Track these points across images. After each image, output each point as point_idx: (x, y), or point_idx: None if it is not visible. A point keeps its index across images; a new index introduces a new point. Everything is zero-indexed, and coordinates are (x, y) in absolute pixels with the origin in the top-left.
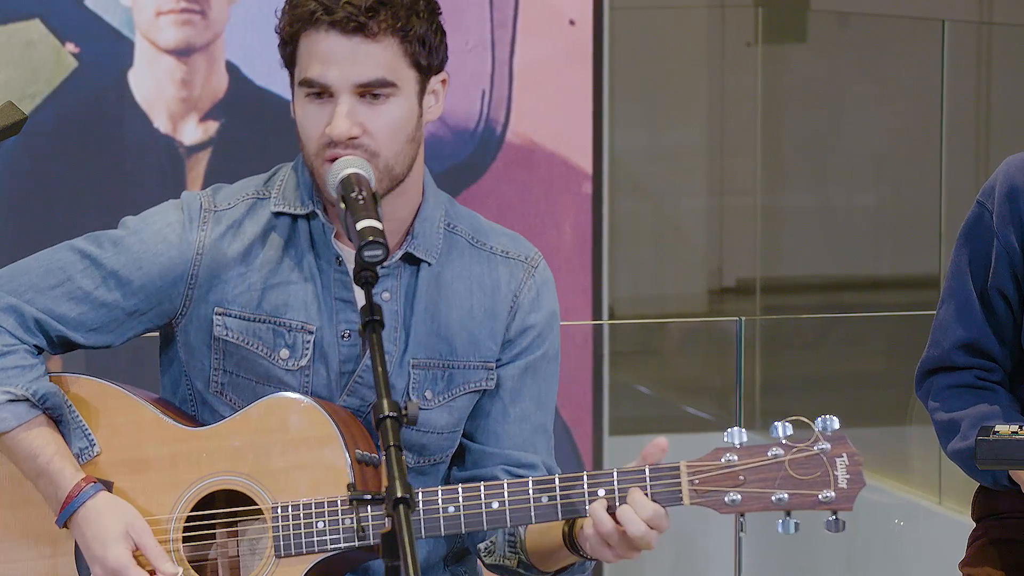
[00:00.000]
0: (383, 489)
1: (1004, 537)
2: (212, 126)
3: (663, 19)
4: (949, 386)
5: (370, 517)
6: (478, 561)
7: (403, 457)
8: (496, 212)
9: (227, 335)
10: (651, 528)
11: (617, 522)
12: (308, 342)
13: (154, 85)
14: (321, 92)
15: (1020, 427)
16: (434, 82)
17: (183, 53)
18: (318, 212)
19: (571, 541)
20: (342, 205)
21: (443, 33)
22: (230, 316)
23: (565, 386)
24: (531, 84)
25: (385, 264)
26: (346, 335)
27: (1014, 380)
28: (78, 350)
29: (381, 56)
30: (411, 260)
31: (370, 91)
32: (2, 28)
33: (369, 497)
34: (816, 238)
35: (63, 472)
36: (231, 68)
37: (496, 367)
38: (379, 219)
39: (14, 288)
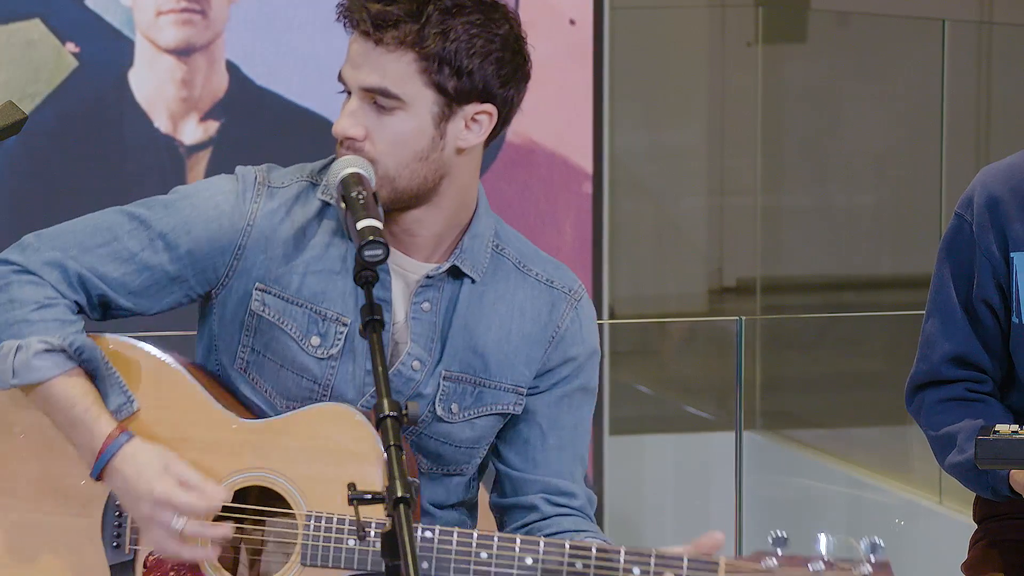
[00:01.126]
0: (418, 519)
1: (1005, 538)
2: (212, 126)
3: (663, 19)
4: (940, 400)
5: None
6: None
7: (403, 457)
8: (496, 212)
9: (264, 311)
10: None
11: None
12: (341, 333)
13: (154, 85)
14: (345, 90)
15: (1021, 427)
16: (469, 110)
17: (183, 53)
18: None
19: None
20: (342, 204)
21: (511, 68)
22: (269, 294)
23: None
24: (531, 84)
25: (429, 275)
26: None
27: (1004, 389)
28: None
29: (390, 67)
30: (455, 274)
31: (378, 97)
32: (2, 28)
33: (369, 497)
34: (816, 238)
35: (99, 421)
36: (231, 68)
37: (533, 394)
38: (379, 218)
39: (60, 244)
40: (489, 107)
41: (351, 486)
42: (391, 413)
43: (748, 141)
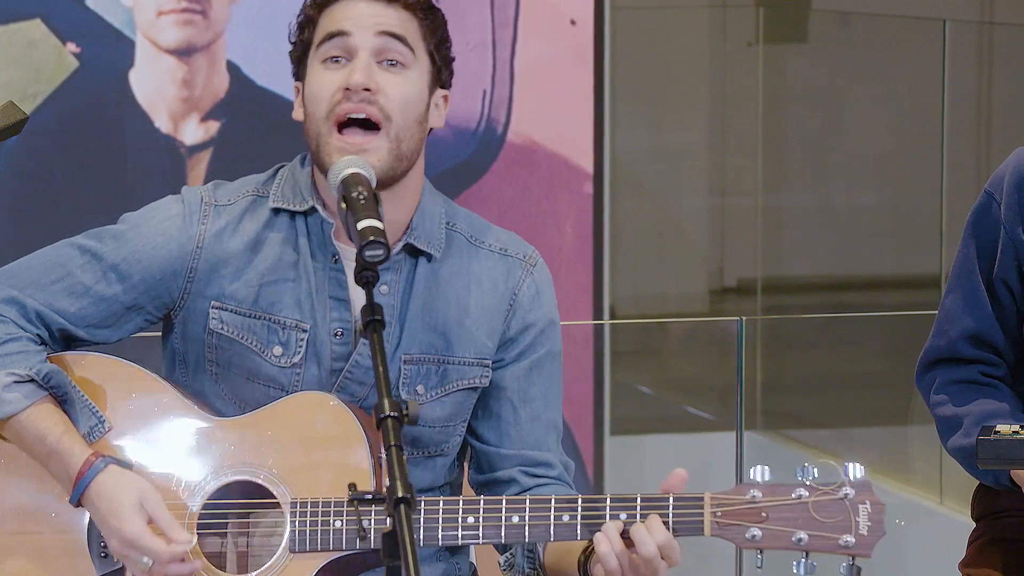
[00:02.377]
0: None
1: (1004, 536)
2: (213, 126)
3: (664, 19)
4: (953, 381)
5: (372, 520)
6: (471, 553)
7: (404, 457)
8: (497, 212)
9: (222, 328)
10: (662, 557)
11: (629, 543)
12: (302, 340)
13: (155, 85)
14: (338, 50)
15: (1021, 427)
16: (438, 94)
17: (184, 53)
18: (318, 208)
19: (585, 570)
20: (343, 204)
21: (451, 56)
22: (226, 310)
23: (566, 386)
24: (532, 84)
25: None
26: (339, 333)
27: (1016, 374)
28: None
29: (406, 21)
30: (412, 252)
31: (390, 50)
32: (3, 28)
33: (370, 496)
34: (817, 238)
35: (72, 450)
36: (232, 68)
37: (500, 367)
38: (380, 218)
39: (16, 283)
40: (447, 92)
41: (351, 486)
42: (391, 413)
43: (749, 141)
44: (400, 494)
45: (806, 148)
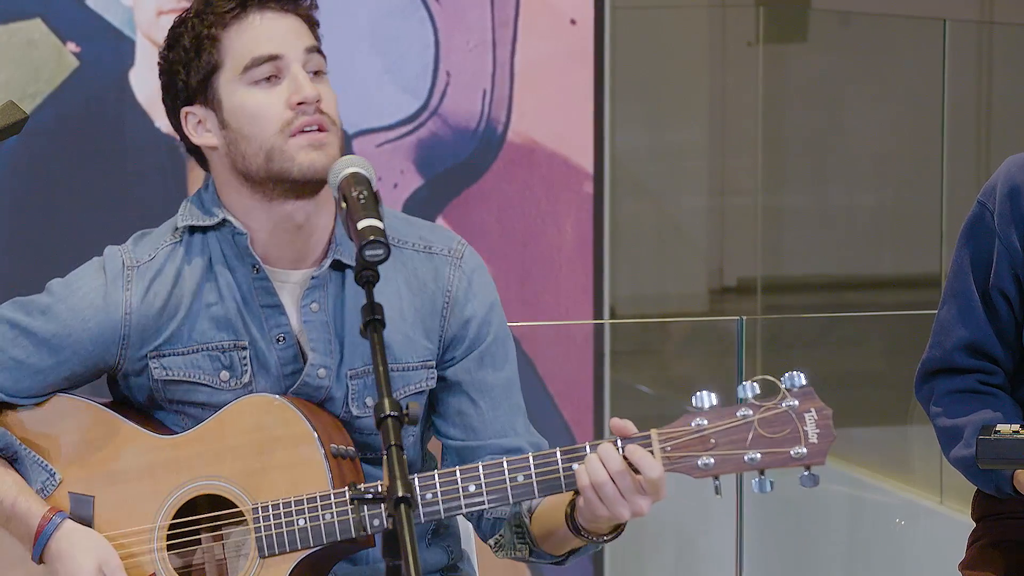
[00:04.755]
0: (362, 478)
1: (1004, 538)
2: None
3: (664, 19)
4: (951, 391)
5: (363, 511)
6: (475, 569)
7: (404, 456)
8: (497, 212)
9: (167, 375)
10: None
11: (630, 465)
12: (244, 358)
13: (155, 85)
14: (267, 72)
15: (1021, 426)
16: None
17: None
18: (229, 219)
19: (572, 521)
20: (343, 204)
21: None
22: (164, 356)
23: (566, 386)
24: (532, 84)
25: (314, 276)
26: (281, 339)
27: (1015, 382)
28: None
29: (306, 33)
30: (339, 267)
31: (312, 61)
32: (3, 28)
33: (371, 496)
34: (817, 238)
35: (30, 510)
36: None
37: (451, 365)
38: (380, 218)
39: None
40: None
41: (351, 485)
42: (391, 413)
43: (749, 141)
44: (400, 493)
45: (806, 148)
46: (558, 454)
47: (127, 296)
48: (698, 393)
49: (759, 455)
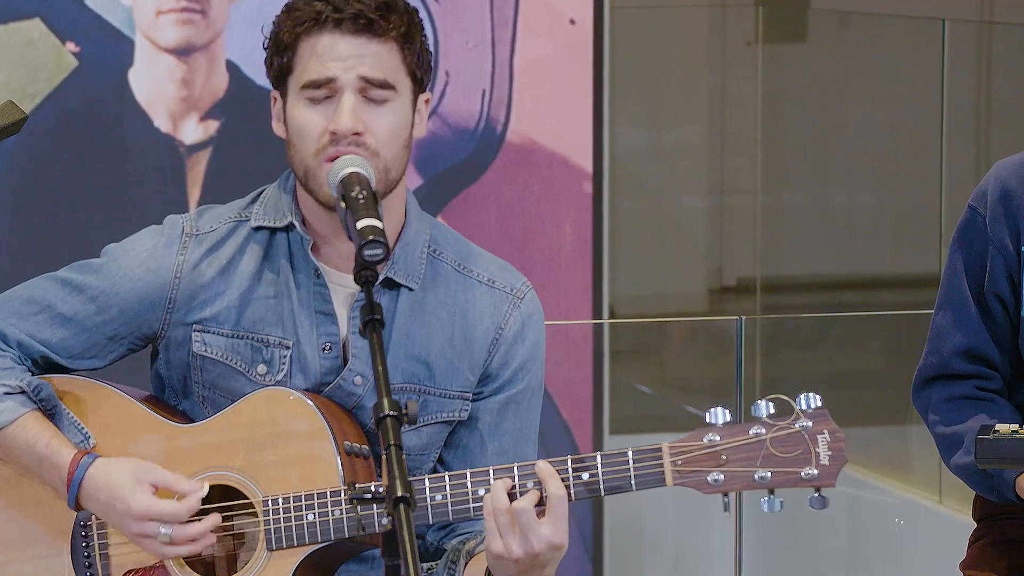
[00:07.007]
0: (375, 479)
1: (1004, 538)
2: (212, 125)
3: (663, 19)
4: (949, 398)
5: (373, 510)
6: None
7: (403, 456)
8: (496, 212)
9: (206, 351)
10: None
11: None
12: (284, 357)
13: (154, 84)
14: (322, 93)
15: (1021, 426)
16: (421, 99)
17: (183, 52)
18: (296, 224)
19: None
20: (342, 204)
21: (431, 54)
22: (208, 332)
23: (565, 386)
24: (531, 83)
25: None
26: (327, 347)
27: (1012, 386)
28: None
29: (386, 58)
30: (391, 285)
31: (372, 90)
32: (2, 27)
33: (370, 496)
34: (816, 237)
35: (61, 452)
36: (231, 67)
37: (477, 399)
38: (379, 218)
39: None
40: (428, 95)
41: (351, 485)
42: (391, 413)
43: (748, 141)
44: (400, 493)
45: (805, 148)
46: (569, 463)
47: (180, 260)
48: (712, 409)
49: (769, 474)
